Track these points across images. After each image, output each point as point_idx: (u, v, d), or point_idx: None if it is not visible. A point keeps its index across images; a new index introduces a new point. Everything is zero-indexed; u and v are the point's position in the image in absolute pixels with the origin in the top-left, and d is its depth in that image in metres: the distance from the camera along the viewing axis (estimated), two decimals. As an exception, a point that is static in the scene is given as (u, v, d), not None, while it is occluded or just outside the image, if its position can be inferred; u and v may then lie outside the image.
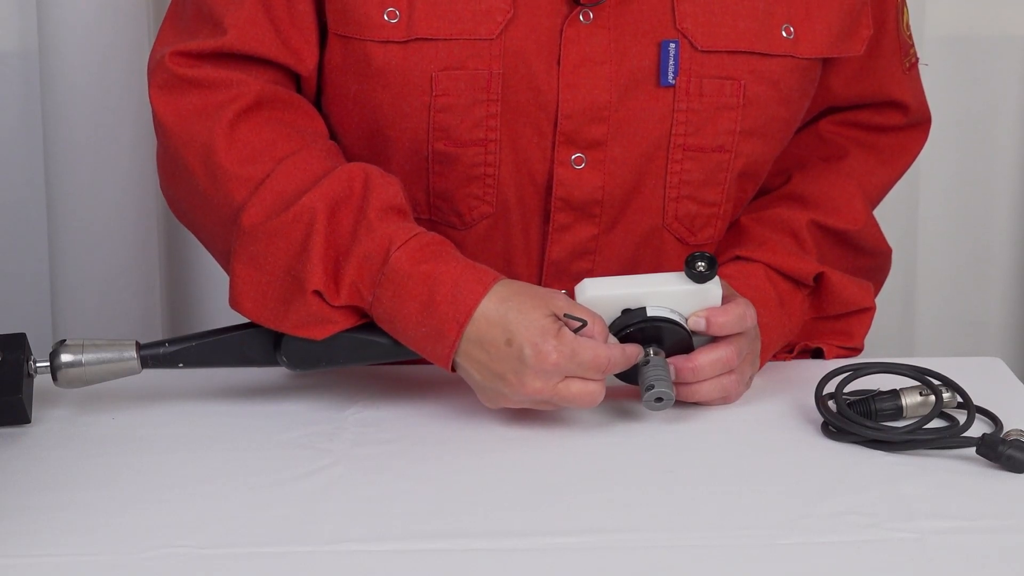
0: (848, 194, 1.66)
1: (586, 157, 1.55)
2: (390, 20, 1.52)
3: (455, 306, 1.43)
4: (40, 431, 1.47)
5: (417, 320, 1.44)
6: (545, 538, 1.28)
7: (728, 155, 1.58)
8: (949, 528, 1.29)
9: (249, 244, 1.48)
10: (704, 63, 1.54)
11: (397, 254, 1.45)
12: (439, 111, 1.53)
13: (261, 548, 1.26)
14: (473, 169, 1.56)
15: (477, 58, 1.52)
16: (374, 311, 1.46)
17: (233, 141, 1.50)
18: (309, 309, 1.46)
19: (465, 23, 1.52)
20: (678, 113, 1.56)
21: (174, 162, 1.54)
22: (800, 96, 1.61)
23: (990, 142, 2.44)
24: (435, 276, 1.44)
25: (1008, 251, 2.53)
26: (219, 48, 1.52)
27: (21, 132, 2.31)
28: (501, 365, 1.43)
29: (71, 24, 2.19)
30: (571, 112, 1.54)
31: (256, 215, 1.47)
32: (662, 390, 1.43)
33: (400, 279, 1.44)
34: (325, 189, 1.47)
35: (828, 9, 1.57)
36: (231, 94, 1.52)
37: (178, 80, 1.52)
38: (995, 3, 2.43)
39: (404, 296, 1.44)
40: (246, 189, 1.48)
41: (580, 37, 1.53)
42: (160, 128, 1.54)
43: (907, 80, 1.70)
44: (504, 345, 1.42)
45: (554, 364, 1.41)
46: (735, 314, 1.48)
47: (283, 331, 1.48)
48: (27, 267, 2.37)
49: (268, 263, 1.47)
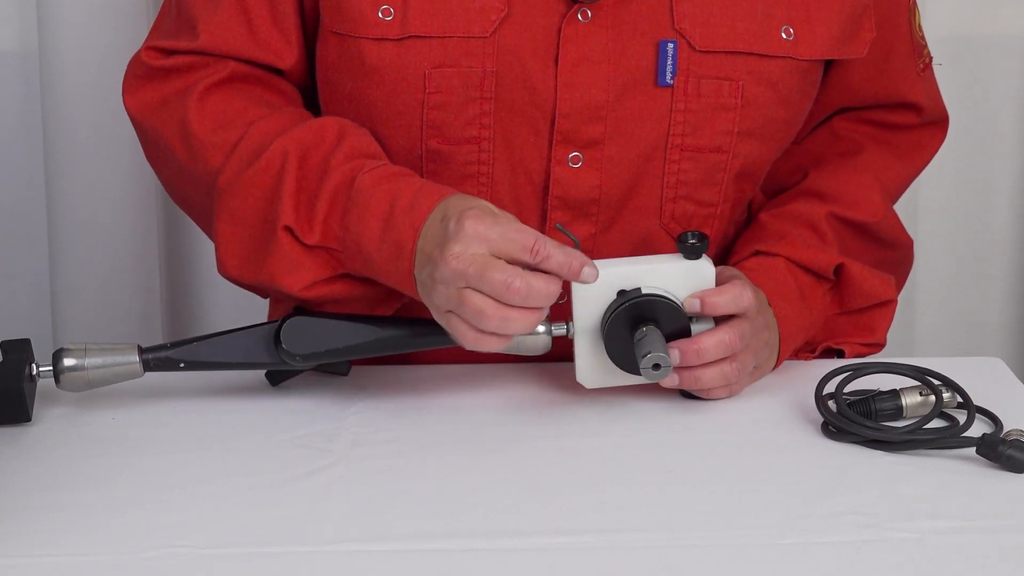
0: (866, 187, 1.66)
1: (583, 156, 1.56)
2: (384, 18, 1.52)
3: (411, 214, 1.43)
4: (40, 431, 1.47)
5: (380, 239, 1.44)
6: (545, 538, 1.28)
7: (726, 156, 1.58)
8: (949, 528, 1.29)
9: (227, 201, 1.50)
10: (702, 63, 1.54)
11: (362, 177, 1.47)
12: (432, 108, 1.54)
13: (261, 548, 1.26)
14: (467, 167, 1.56)
15: (471, 56, 1.52)
16: (345, 245, 1.46)
17: (205, 111, 1.54)
18: (282, 251, 1.47)
19: (459, 21, 1.52)
20: (676, 113, 1.56)
21: (156, 146, 1.58)
22: (800, 98, 1.61)
23: (990, 142, 2.44)
24: (396, 191, 1.45)
25: (1008, 251, 2.53)
26: (192, 49, 1.57)
27: (21, 132, 2.31)
28: (431, 243, 1.41)
29: (71, 24, 2.19)
30: (569, 111, 1.54)
31: (231, 172, 1.50)
32: (659, 354, 1.43)
33: (364, 199, 1.45)
34: (296, 135, 1.50)
35: (828, 11, 1.57)
36: (204, 72, 1.56)
37: (153, 71, 1.58)
38: (995, 3, 2.43)
39: (367, 215, 1.45)
40: (221, 154, 1.51)
41: (578, 36, 1.53)
42: (136, 121, 1.60)
43: (921, 81, 1.70)
44: (439, 223, 1.42)
45: (476, 233, 1.37)
46: (731, 294, 1.47)
47: (261, 282, 1.49)
48: (27, 267, 2.37)
49: (245, 215, 1.49)
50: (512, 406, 1.51)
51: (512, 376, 1.57)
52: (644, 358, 1.44)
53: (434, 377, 1.57)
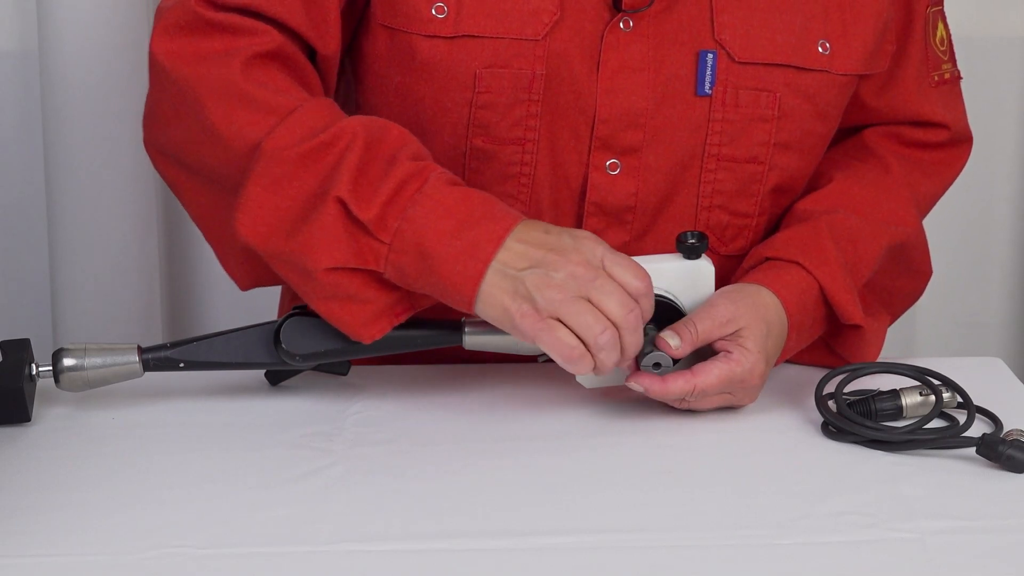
0: (903, 199, 1.64)
1: (621, 163, 1.56)
2: (438, 15, 1.52)
3: (502, 218, 1.41)
4: (40, 430, 1.47)
5: (451, 235, 1.40)
6: (545, 538, 1.28)
7: (762, 167, 1.58)
8: (949, 528, 1.29)
9: (271, 166, 1.44)
10: (741, 74, 1.55)
11: (436, 175, 1.43)
12: (480, 108, 1.54)
13: (260, 548, 1.26)
14: (509, 168, 1.56)
15: (521, 58, 1.53)
16: (401, 236, 1.41)
17: (252, 75, 1.47)
18: (324, 222, 1.42)
19: (512, 22, 1.52)
20: (713, 123, 1.56)
21: (180, 99, 1.50)
22: (837, 112, 1.61)
23: (990, 142, 2.44)
24: (475, 195, 1.43)
25: (1008, 251, 2.53)
26: (245, 6, 1.50)
27: (21, 132, 2.31)
28: (540, 250, 1.40)
29: (71, 24, 2.19)
30: (608, 117, 1.54)
31: (283, 140, 1.44)
32: (659, 354, 1.44)
33: (439, 196, 1.42)
34: (364, 121, 1.46)
35: (864, 27, 1.58)
36: (254, 39, 1.49)
37: (198, 21, 1.49)
38: (995, 3, 2.43)
39: (439, 210, 1.41)
40: (273, 118, 1.45)
41: (620, 44, 1.53)
42: (162, 69, 1.50)
43: (937, 95, 1.68)
44: (542, 231, 1.42)
45: (596, 245, 1.41)
46: (717, 375, 1.46)
47: (285, 253, 1.44)
48: (27, 267, 2.37)
49: (290, 184, 1.43)
50: (512, 406, 1.51)
51: (512, 376, 1.57)
52: (644, 358, 1.44)
53: (434, 377, 1.57)
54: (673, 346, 1.45)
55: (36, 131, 2.29)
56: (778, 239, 1.59)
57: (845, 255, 1.57)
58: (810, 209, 1.61)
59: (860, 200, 1.62)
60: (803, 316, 1.54)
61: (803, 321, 1.54)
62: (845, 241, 1.58)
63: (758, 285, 1.52)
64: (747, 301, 1.49)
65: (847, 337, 1.58)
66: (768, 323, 1.49)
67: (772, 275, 1.54)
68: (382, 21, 1.55)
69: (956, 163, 1.72)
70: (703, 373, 1.45)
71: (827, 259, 1.56)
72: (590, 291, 1.39)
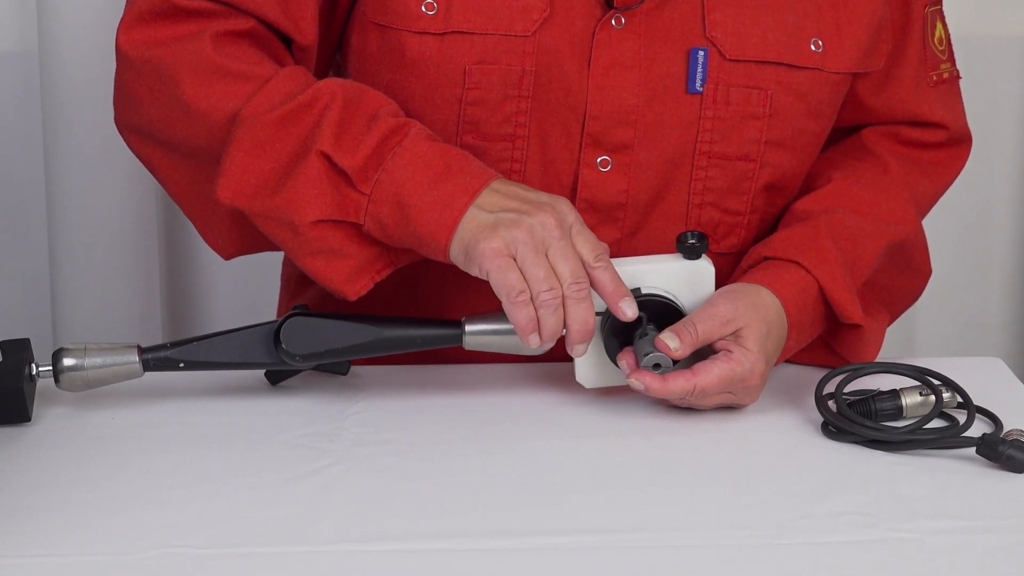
0: (902, 199, 1.64)
1: (612, 160, 1.56)
2: (428, 12, 1.53)
3: (479, 171, 1.45)
4: (40, 430, 1.47)
5: (430, 183, 1.43)
6: (545, 538, 1.28)
7: (753, 164, 1.58)
8: (949, 528, 1.29)
9: (251, 131, 1.46)
10: (732, 72, 1.55)
11: (416, 130, 1.46)
12: (470, 104, 1.54)
13: (260, 548, 1.26)
14: (500, 164, 1.56)
15: (511, 54, 1.53)
16: (380, 187, 1.44)
17: (224, 49, 1.49)
18: (308, 176, 1.44)
19: (502, 19, 1.52)
20: (704, 120, 1.56)
21: (153, 80, 1.50)
22: (830, 111, 1.61)
23: (989, 142, 2.44)
24: (454, 150, 1.46)
25: (1008, 251, 2.53)
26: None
27: (21, 132, 2.31)
28: (516, 200, 1.43)
29: (71, 24, 2.19)
30: (599, 114, 1.54)
31: (261, 106, 1.46)
32: (659, 354, 1.45)
33: (418, 149, 1.45)
34: (341, 82, 1.48)
35: (858, 26, 1.58)
36: (223, 21, 1.51)
37: (169, 8, 1.50)
38: (995, 3, 2.43)
39: (419, 164, 1.44)
40: (249, 86, 1.47)
41: (611, 41, 1.53)
42: (126, 58, 1.51)
43: (935, 94, 1.68)
44: (520, 189, 1.45)
45: (570, 211, 1.43)
46: (716, 374, 1.47)
47: (270, 211, 1.46)
48: (27, 267, 2.37)
49: (272, 146, 1.46)
50: (512, 406, 1.51)
51: (512, 376, 1.57)
52: (644, 358, 1.44)
53: (434, 377, 1.57)
54: (673, 348, 1.45)
55: (36, 131, 2.29)
56: (777, 238, 1.59)
57: (844, 254, 1.57)
58: (809, 209, 1.61)
59: (859, 200, 1.62)
60: (803, 315, 1.54)
61: (803, 320, 1.54)
62: (844, 240, 1.58)
63: (758, 285, 1.52)
64: (747, 301, 1.49)
65: (846, 336, 1.58)
66: (768, 323, 1.49)
67: (771, 275, 1.54)
68: (373, 18, 1.56)
69: (955, 163, 1.72)
70: (703, 372, 1.45)
71: (826, 258, 1.56)
72: (550, 248, 1.41)
